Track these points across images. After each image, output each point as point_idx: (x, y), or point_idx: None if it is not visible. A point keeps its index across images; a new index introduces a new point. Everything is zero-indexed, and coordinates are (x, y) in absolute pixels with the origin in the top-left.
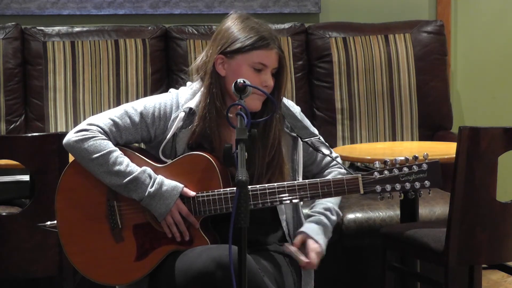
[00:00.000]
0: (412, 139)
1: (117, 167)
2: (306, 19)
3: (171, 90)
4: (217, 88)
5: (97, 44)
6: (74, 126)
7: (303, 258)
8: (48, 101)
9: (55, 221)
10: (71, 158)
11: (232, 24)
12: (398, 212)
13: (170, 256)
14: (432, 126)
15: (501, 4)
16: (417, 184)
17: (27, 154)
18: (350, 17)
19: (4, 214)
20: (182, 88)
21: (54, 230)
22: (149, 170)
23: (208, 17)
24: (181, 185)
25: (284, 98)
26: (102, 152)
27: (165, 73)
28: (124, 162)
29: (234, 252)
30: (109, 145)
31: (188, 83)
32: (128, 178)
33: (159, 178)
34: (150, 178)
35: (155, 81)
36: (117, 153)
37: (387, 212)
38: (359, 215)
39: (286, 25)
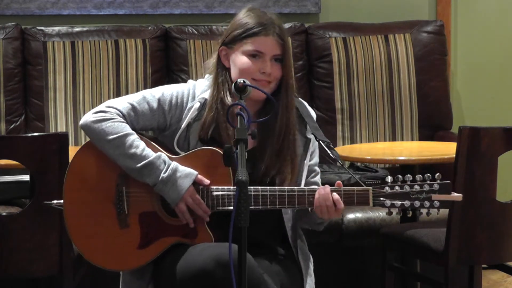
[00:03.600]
0: (412, 139)
1: (133, 150)
2: (306, 19)
3: (189, 80)
4: (223, 79)
5: (97, 44)
6: (74, 126)
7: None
8: (48, 101)
9: (61, 201)
10: (71, 157)
11: (236, 18)
12: None
13: (173, 248)
14: (432, 126)
15: (501, 4)
16: (427, 203)
17: (27, 154)
18: (350, 17)
19: (4, 214)
20: (200, 80)
21: (60, 208)
22: (164, 156)
23: (208, 17)
24: (195, 172)
25: (303, 101)
26: (119, 134)
27: (165, 73)
28: (140, 146)
29: (234, 250)
30: (126, 128)
31: (206, 75)
32: (143, 162)
33: (174, 164)
34: (165, 163)
35: (155, 81)
36: (134, 137)
37: None
38: (359, 215)
39: (286, 25)
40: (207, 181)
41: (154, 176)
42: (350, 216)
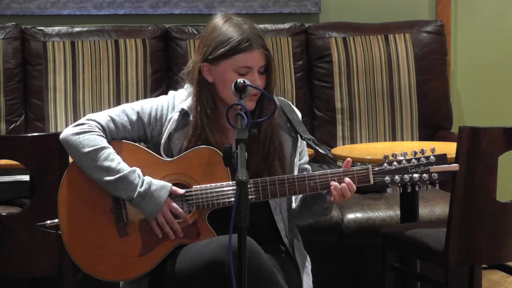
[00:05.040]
0: (412, 139)
1: (108, 163)
2: (306, 19)
3: (170, 92)
4: (206, 95)
5: (97, 44)
6: None
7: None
8: (48, 101)
9: (55, 220)
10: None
11: (213, 29)
12: (398, 212)
13: (174, 250)
14: (432, 126)
15: (501, 4)
16: (425, 176)
17: (27, 154)
18: (350, 17)
19: (4, 214)
20: (180, 90)
21: (52, 231)
22: (138, 170)
23: (208, 17)
24: (170, 184)
25: (287, 100)
26: (96, 147)
27: (165, 73)
28: (116, 160)
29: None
30: (103, 142)
31: (186, 85)
32: (118, 175)
33: (148, 178)
34: (139, 177)
35: (155, 81)
36: (110, 150)
37: (387, 212)
38: (359, 215)
39: (286, 25)
40: (181, 191)
41: (129, 190)
42: (350, 216)
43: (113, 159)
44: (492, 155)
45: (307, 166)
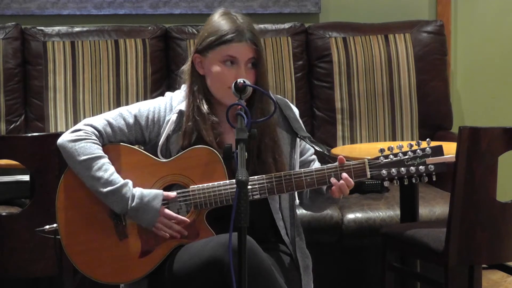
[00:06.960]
0: (412, 139)
1: (100, 173)
2: (306, 19)
3: (167, 93)
4: (198, 87)
5: (97, 44)
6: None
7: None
8: (48, 101)
9: (54, 225)
10: None
11: (208, 23)
12: (398, 212)
13: (174, 250)
14: (432, 126)
15: (501, 4)
16: (422, 168)
17: (27, 154)
18: (350, 17)
19: (4, 214)
20: (177, 91)
21: (51, 236)
22: (130, 183)
23: (208, 17)
24: (161, 192)
25: (285, 99)
26: (90, 156)
27: (165, 73)
28: (109, 171)
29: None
30: (98, 150)
31: (183, 86)
32: (109, 188)
33: (138, 191)
34: (130, 192)
35: (155, 81)
36: (105, 160)
37: (387, 212)
38: (359, 215)
39: (286, 25)
40: (173, 194)
41: (121, 204)
42: (350, 216)
43: (107, 169)
44: (492, 155)
45: (313, 156)
